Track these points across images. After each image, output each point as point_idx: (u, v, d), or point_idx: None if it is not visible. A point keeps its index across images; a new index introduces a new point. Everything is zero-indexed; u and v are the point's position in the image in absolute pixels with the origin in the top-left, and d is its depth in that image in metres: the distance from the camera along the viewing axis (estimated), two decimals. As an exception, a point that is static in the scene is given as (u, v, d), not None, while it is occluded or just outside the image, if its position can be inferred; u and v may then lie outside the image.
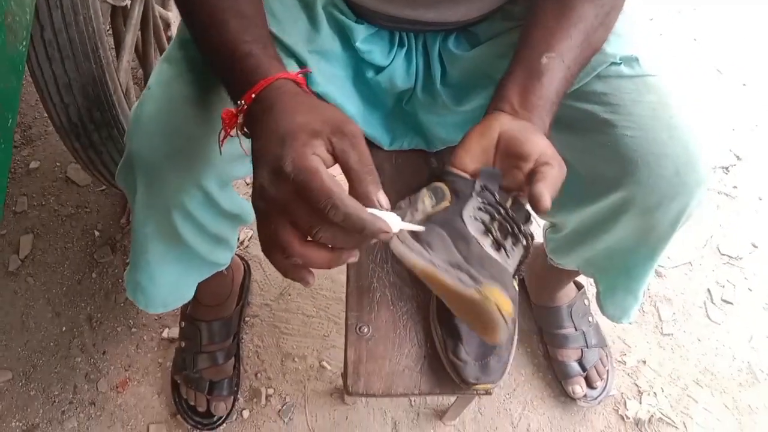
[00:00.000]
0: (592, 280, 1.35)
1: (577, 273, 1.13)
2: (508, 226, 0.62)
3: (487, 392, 0.87)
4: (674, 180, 0.73)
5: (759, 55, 1.92)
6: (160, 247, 0.83)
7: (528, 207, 0.65)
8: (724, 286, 1.45)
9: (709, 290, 1.44)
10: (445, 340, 0.85)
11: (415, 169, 1.01)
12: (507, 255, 0.61)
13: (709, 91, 1.82)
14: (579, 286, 1.31)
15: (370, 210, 0.52)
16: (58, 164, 1.51)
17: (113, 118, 0.97)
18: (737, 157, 1.67)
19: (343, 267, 0.97)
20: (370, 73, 0.90)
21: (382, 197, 0.53)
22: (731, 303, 1.43)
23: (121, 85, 1.01)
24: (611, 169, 0.76)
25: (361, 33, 0.85)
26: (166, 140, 0.72)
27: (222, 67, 0.64)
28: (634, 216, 0.78)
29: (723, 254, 1.50)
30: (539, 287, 1.29)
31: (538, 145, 0.63)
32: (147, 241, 0.82)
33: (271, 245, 0.53)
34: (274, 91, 0.58)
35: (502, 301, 0.57)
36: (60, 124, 0.93)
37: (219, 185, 0.80)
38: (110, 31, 1.25)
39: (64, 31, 0.82)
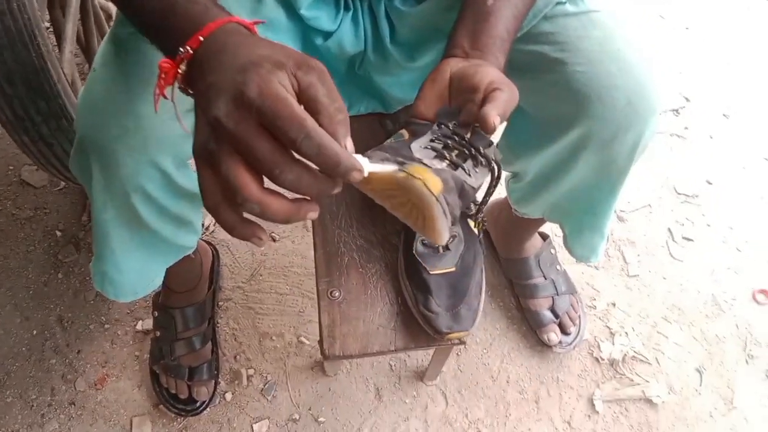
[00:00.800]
0: (557, 231, 1.39)
1: (542, 222, 1.16)
2: (466, 150, 0.62)
3: (461, 341, 0.88)
4: (627, 110, 0.75)
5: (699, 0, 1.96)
6: (123, 233, 0.83)
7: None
8: (683, 225, 1.49)
9: (669, 229, 1.49)
10: (416, 295, 0.86)
11: (373, 133, 1.02)
12: (468, 174, 0.61)
13: (654, 37, 1.85)
14: (544, 237, 1.33)
15: None
16: (11, 168, 1.48)
17: (60, 108, 0.96)
18: (686, 99, 1.71)
19: (311, 241, 0.97)
20: (318, 40, 0.90)
21: (350, 141, 0.48)
22: (692, 240, 1.47)
23: (66, 76, 0.99)
24: (566, 107, 0.78)
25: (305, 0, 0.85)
26: (116, 121, 0.71)
27: (157, 21, 0.56)
28: (592, 151, 0.80)
29: (680, 194, 1.54)
30: (506, 240, 1.31)
31: (488, 74, 0.63)
32: (108, 227, 0.81)
33: (218, 195, 0.46)
34: (226, 34, 0.51)
35: (428, 177, 0.54)
36: (5, 118, 0.91)
37: (175, 164, 0.79)
38: (50, 29, 1.23)
39: (-2, 21, 0.80)
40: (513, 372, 1.28)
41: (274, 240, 1.42)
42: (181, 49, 0.51)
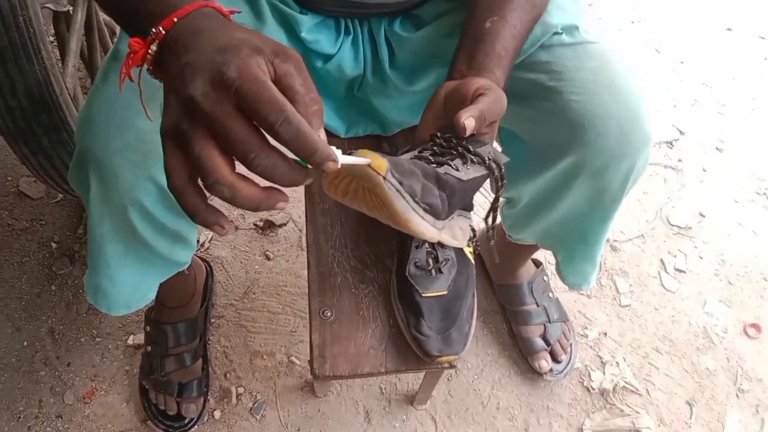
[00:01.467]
0: (550, 258, 1.40)
1: (535, 248, 1.16)
2: (453, 151, 0.63)
3: (451, 365, 0.88)
4: (620, 139, 0.76)
5: (694, 34, 1.99)
6: (119, 247, 0.83)
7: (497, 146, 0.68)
8: (676, 256, 1.50)
9: (662, 260, 1.49)
10: (407, 317, 0.86)
11: (369, 155, 1.03)
12: (455, 168, 0.61)
13: (649, 70, 1.88)
14: (537, 264, 1.34)
15: None
16: (9, 178, 1.49)
17: (61, 121, 0.97)
18: (680, 131, 1.73)
19: (305, 260, 0.98)
20: (318, 63, 0.91)
21: (323, 132, 0.48)
22: (684, 271, 1.48)
23: (68, 90, 1.00)
24: (560, 135, 0.79)
25: (306, 23, 0.87)
26: (117, 135, 0.72)
27: (131, 5, 0.54)
28: (585, 179, 0.81)
29: (673, 225, 1.55)
30: (500, 266, 1.32)
31: (475, 83, 0.65)
32: (104, 241, 0.81)
33: (186, 176, 0.45)
34: (202, 16, 0.50)
35: (373, 158, 0.54)
36: (7, 129, 0.92)
37: None
38: (55, 42, 1.24)
39: (4, 34, 0.81)
40: (503, 399, 1.27)
41: (268, 258, 1.42)
42: (153, 30, 0.49)
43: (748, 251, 1.52)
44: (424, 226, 0.59)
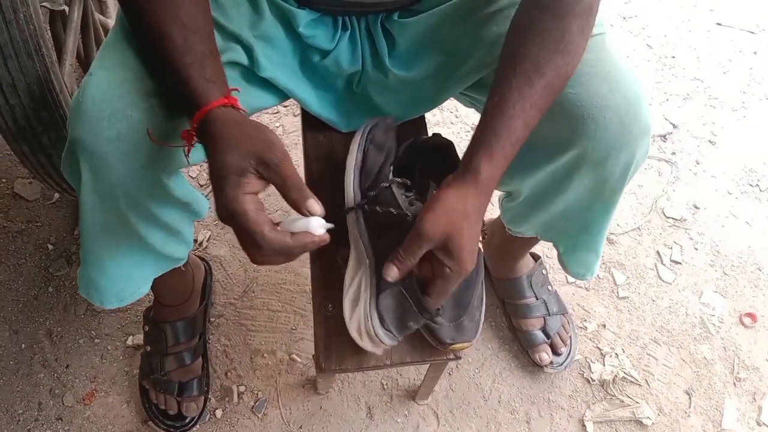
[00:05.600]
0: (548, 252, 1.41)
1: (535, 241, 1.17)
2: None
3: (456, 356, 0.89)
4: (619, 130, 0.77)
5: (684, 29, 2.01)
6: (111, 238, 0.82)
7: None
8: (671, 248, 1.51)
9: (658, 252, 1.51)
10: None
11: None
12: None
13: (641, 65, 1.90)
14: (536, 258, 1.34)
15: (299, 221, 0.65)
16: (4, 180, 1.47)
17: (61, 119, 0.96)
18: (673, 125, 1.74)
19: (304, 257, 0.98)
20: (316, 58, 0.91)
21: (311, 205, 0.64)
22: (680, 263, 1.49)
23: (66, 87, 0.99)
24: (560, 129, 0.79)
25: (303, 18, 0.87)
26: (110, 124, 0.70)
27: (168, 79, 0.71)
28: (586, 171, 0.82)
29: (668, 217, 1.57)
30: (498, 260, 1.32)
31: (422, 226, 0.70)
32: (96, 232, 0.81)
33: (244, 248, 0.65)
34: (209, 124, 0.66)
35: None
36: (6, 128, 0.91)
37: (167, 172, 0.79)
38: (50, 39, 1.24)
39: (5, 30, 0.80)
40: (504, 392, 1.28)
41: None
42: (190, 127, 0.68)
43: (742, 242, 1.54)
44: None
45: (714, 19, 2.04)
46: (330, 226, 0.68)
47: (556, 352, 1.28)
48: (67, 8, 1.13)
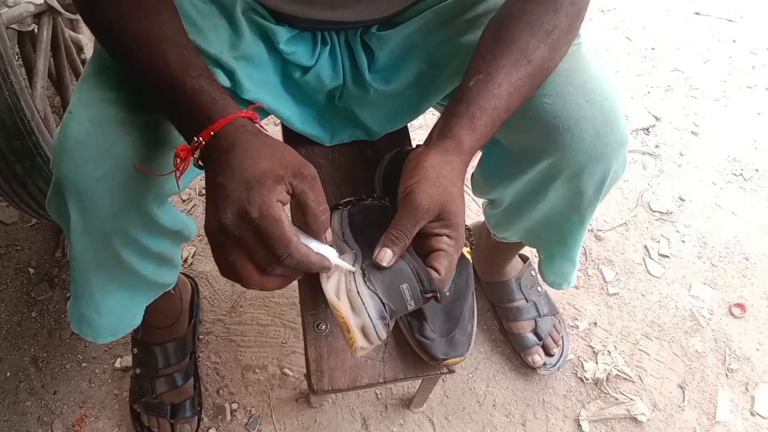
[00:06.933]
0: (536, 252, 1.40)
1: (521, 246, 1.16)
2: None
3: (450, 370, 0.88)
4: (595, 141, 0.76)
5: (663, 20, 2.01)
6: (103, 275, 0.81)
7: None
8: (659, 241, 1.52)
9: (646, 247, 1.51)
10: (410, 321, 0.86)
11: (352, 162, 1.02)
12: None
13: (621, 58, 1.89)
14: (524, 259, 1.34)
15: (313, 243, 0.60)
16: (-21, 205, 1.44)
17: (34, 146, 0.93)
18: (655, 117, 1.75)
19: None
20: (297, 74, 0.90)
21: (329, 234, 0.62)
22: (668, 256, 1.50)
23: (38, 112, 0.97)
24: (536, 138, 0.79)
25: (283, 35, 0.86)
26: (96, 164, 0.69)
27: (164, 99, 0.65)
28: (562, 182, 0.81)
29: (654, 211, 1.57)
30: (487, 264, 1.31)
31: (409, 179, 0.66)
32: (88, 270, 0.79)
33: (231, 274, 0.59)
34: (235, 131, 0.61)
35: (345, 327, 0.64)
36: (-23, 158, 0.89)
37: (157, 203, 0.78)
38: (20, 61, 1.21)
39: (-30, 61, 0.78)
40: (499, 395, 1.28)
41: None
42: (195, 139, 0.62)
43: (728, 232, 1.54)
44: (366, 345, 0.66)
45: (692, 9, 2.05)
46: (342, 264, 0.65)
47: (548, 353, 1.28)
48: (35, 27, 1.11)
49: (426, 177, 0.65)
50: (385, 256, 0.64)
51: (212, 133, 0.61)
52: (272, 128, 1.62)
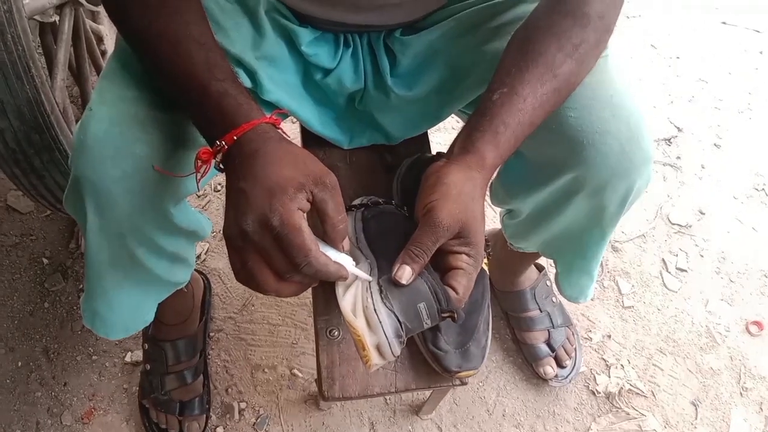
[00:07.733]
0: (552, 262, 1.38)
1: (537, 256, 1.15)
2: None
3: (462, 382, 0.87)
4: (620, 157, 0.74)
5: (689, 29, 1.98)
6: (117, 273, 0.80)
7: None
8: (677, 255, 1.49)
9: (663, 260, 1.49)
10: (424, 332, 0.84)
11: (370, 166, 1.01)
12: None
13: (646, 67, 1.87)
14: (540, 268, 1.32)
15: (330, 251, 0.60)
16: (-4, 193, 1.45)
17: (53, 140, 0.93)
18: (678, 128, 1.72)
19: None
20: (318, 76, 0.89)
21: (346, 243, 0.62)
22: (685, 270, 1.47)
23: (57, 105, 0.96)
24: (559, 152, 0.77)
25: (306, 36, 0.85)
26: (115, 163, 0.68)
27: (188, 100, 0.65)
28: (584, 196, 0.79)
29: (673, 224, 1.54)
30: (501, 273, 1.30)
31: (429, 196, 0.65)
32: (102, 268, 0.79)
33: (248, 279, 0.59)
34: (258, 136, 0.61)
35: (360, 344, 0.63)
36: (-3, 150, 0.89)
37: (173, 203, 0.78)
38: (40, 50, 1.20)
39: (-7, 53, 0.78)
40: (509, 405, 1.26)
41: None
42: (218, 143, 0.62)
43: (747, 248, 1.52)
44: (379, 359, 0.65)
45: (719, 18, 2.01)
46: (359, 273, 0.64)
47: (560, 365, 1.26)
48: (57, 18, 1.10)
49: (447, 194, 0.64)
50: (404, 273, 0.63)
51: (235, 137, 0.61)
52: (289, 126, 1.61)
